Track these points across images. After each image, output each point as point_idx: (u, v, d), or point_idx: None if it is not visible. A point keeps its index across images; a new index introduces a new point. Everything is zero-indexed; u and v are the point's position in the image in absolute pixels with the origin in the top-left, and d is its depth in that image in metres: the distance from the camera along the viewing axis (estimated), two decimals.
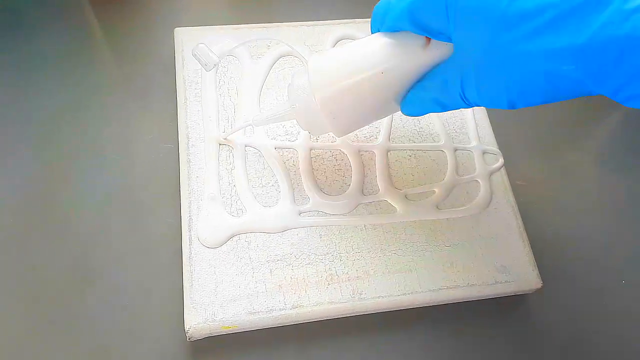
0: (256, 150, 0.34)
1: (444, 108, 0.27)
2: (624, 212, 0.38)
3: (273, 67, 0.38)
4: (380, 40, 0.27)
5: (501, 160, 0.36)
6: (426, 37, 0.26)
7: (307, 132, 0.34)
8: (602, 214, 0.37)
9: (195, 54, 0.33)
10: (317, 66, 0.28)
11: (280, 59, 0.38)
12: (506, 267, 0.32)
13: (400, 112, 0.29)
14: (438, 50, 0.26)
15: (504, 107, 0.24)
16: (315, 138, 0.35)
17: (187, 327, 0.28)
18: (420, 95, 0.27)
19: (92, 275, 0.31)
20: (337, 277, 0.31)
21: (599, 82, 0.21)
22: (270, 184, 0.33)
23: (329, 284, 0.31)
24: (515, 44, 0.22)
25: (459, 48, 0.25)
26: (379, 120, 0.36)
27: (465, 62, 0.24)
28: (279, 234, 0.32)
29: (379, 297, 0.31)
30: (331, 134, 0.33)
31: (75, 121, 0.36)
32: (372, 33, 0.29)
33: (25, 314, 0.30)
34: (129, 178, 0.34)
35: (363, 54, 0.28)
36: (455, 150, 0.36)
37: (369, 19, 0.40)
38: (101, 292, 0.31)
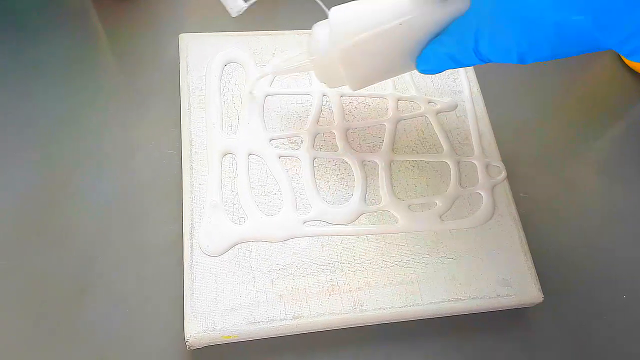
0: (259, 159, 0.34)
1: (458, 64, 0.28)
2: (627, 225, 0.38)
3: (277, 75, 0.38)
4: None
5: (504, 173, 0.36)
6: None
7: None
8: (604, 227, 0.37)
9: None
10: (337, 18, 0.29)
11: None
12: (508, 280, 0.32)
13: (414, 73, 0.31)
14: (455, 5, 0.26)
15: (514, 61, 0.25)
16: (319, 147, 0.35)
17: (187, 336, 0.28)
18: (436, 50, 0.28)
19: (93, 282, 0.31)
20: (338, 287, 0.31)
21: (607, 33, 0.21)
22: (272, 193, 0.33)
23: (330, 295, 0.30)
24: None
25: (475, 1, 0.25)
26: (385, 128, 0.36)
27: (480, 15, 0.25)
28: (281, 243, 0.32)
29: (380, 308, 0.30)
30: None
31: (78, 127, 0.36)
32: None
33: (25, 322, 0.30)
34: (131, 185, 0.34)
35: (383, 6, 0.28)
36: (459, 162, 0.36)
37: None
38: (102, 300, 0.30)
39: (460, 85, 0.39)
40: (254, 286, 0.30)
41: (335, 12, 0.30)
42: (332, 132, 0.36)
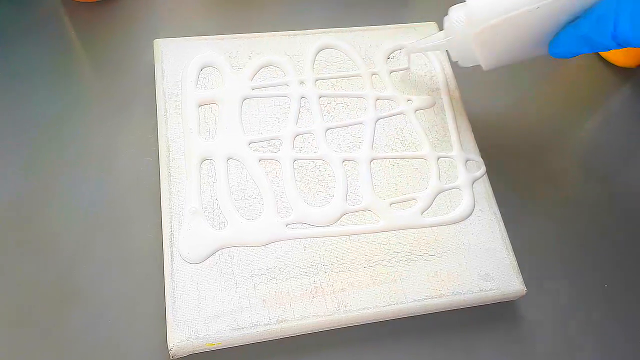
0: (238, 163, 0.34)
1: (592, 47, 0.28)
2: (606, 216, 0.38)
3: (254, 77, 0.37)
4: None
5: (483, 168, 0.36)
6: None
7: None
8: (584, 218, 0.38)
9: None
10: (475, 1, 0.31)
11: (261, 70, 0.38)
12: (490, 274, 0.33)
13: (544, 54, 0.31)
14: None
15: None
16: (298, 149, 0.35)
17: (170, 345, 0.28)
18: (572, 33, 0.29)
19: (74, 291, 0.30)
20: (322, 289, 0.31)
21: None
22: (253, 197, 0.33)
23: (313, 297, 0.30)
24: None
25: None
26: (364, 128, 0.36)
27: None
28: (263, 247, 0.31)
29: (364, 308, 0.30)
30: None
31: (55, 135, 0.35)
32: None
33: (6, 330, 0.29)
34: (110, 193, 0.34)
35: None
36: (438, 158, 0.36)
37: (351, 28, 0.40)
38: (83, 309, 0.30)
39: (437, 82, 0.39)
40: (236, 292, 0.30)
41: None
42: (311, 133, 0.36)
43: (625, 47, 0.27)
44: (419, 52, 0.38)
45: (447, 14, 0.34)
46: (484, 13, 0.30)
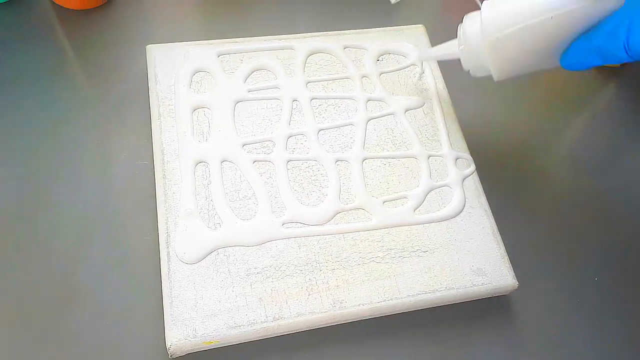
0: (232, 165, 0.34)
1: (604, 59, 0.28)
2: (595, 210, 0.39)
3: (246, 80, 0.38)
4: None
5: (473, 166, 0.37)
6: None
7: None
8: (573, 214, 0.39)
9: None
10: (489, 11, 0.31)
11: (253, 73, 0.39)
12: (482, 269, 0.33)
13: (554, 65, 0.31)
14: (610, 2, 0.27)
15: None
16: (291, 150, 0.36)
17: (168, 344, 0.28)
18: (584, 44, 0.29)
19: (72, 294, 0.31)
20: (317, 287, 0.31)
21: None
22: (247, 197, 0.33)
23: (309, 295, 0.31)
24: None
25: None
26: (355, 128, 0.37)
27: (636, 7, 0.26)
28: (258, 246, 0.32)
29: (359, 304, 0.31)
30: None
31: (51, 141, 0.35)
32: None
33: (7, 333, 0.29)
34: (106, 196, 0.34)
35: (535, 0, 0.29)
36: (429, 157, 0.37)
37: (340, 31, 0.41)
38: (81, 311, 0.30)
39: (425, 82, 0.40)
40: (233, 291, 0.30)
41: (487, 4, 0.31)
42: (303, 134, 0.36)
43: (638, 60, 0.27)
44: (433, 60, 0.39)
45: (461, 21, 0.34)
46: (498, 23, 0.30)
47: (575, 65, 0.30)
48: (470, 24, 0.32)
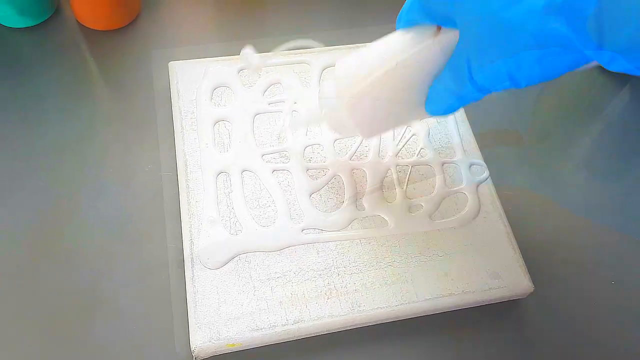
0: (252, 174, 0.36)
1: (461, 100, 0.27)
2: (610, 215, 0.39)
3: (264, 94, 0.39)
4: (395, 36, 0.28)
5: (487, 172, 0.38)
6: (437, 26, 0.26)
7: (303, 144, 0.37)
8: (588, 218, 0.39)
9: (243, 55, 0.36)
10: (340, 70, 0.29)
11: (271, 86, 0.40)
12: (498, 273, 0.34)
13: (421, 119, 0.30)
14: (448, 37, 0.26)
15: (508, 84, 0.24)
16: (308, 158, 0.37)
17: (193, 346, 0.29)
18: (438, 88, 0.27)
19: (99, 301, 0.32)
20: (335, 291, 0.32)
21: (584, 39, 0.21)
22: (267, 205, 0.35)
23: (328, 298, 0.32)
24: (504, 10, 0.22)
25: (462, 28, 0.25)
26: (372, 139, 0.38)
27: (469, 41, 0.24)
28: (278, 252, 0.33)
29: (377, 308, 0.32)
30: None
31: (78, 155, 0.37)
32: None
33: (35, 338, 0.31)
34: (131, 207, 0.35)
35: (379, 51, 0.28)
36: (443, 164, 0.38)
37: (355, 45, 0.42)
38: (107, 317, 0.31)
39: None
40: (254, 295, 0.31)
41: (339, 64, 0.30)
42: (320, 144, 0.38)
43: (487, 94, 0.25)
44: (301, 128, 0.37)
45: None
46: (349, 81, 0.28)
47: (439, 110, 0.28)
48: (327, 86, 0.30)
